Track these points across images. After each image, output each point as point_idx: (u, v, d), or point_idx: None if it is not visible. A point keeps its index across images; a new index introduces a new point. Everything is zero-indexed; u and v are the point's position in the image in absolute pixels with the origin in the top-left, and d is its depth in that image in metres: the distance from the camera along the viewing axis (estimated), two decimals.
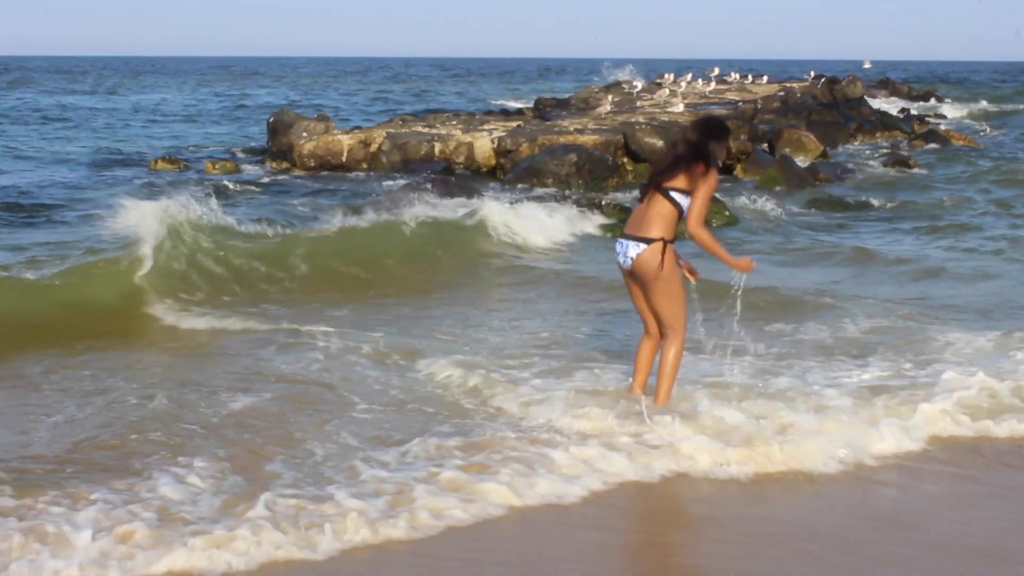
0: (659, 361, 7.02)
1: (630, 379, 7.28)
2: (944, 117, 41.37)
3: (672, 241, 6.74)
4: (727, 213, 15.83)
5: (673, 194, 6.67)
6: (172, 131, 34.22)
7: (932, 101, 50.82)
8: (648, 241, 6.69)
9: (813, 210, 17.34)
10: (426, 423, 6.90)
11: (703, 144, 6.72)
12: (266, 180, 20.46)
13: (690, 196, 6.67)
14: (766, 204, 17.36)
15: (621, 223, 15.40)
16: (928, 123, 35.47)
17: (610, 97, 30.30)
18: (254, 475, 6.03)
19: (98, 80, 78.69)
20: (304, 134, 22.46)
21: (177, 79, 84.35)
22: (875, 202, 18.24)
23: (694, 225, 6.63)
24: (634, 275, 6.83)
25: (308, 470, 6.11)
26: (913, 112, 41.32)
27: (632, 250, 6.73)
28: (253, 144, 28.45)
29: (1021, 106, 48.64)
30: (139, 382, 7.81)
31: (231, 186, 19.09)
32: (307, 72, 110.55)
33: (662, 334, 6.99)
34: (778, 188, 19.71)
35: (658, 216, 6.70)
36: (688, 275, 6.96)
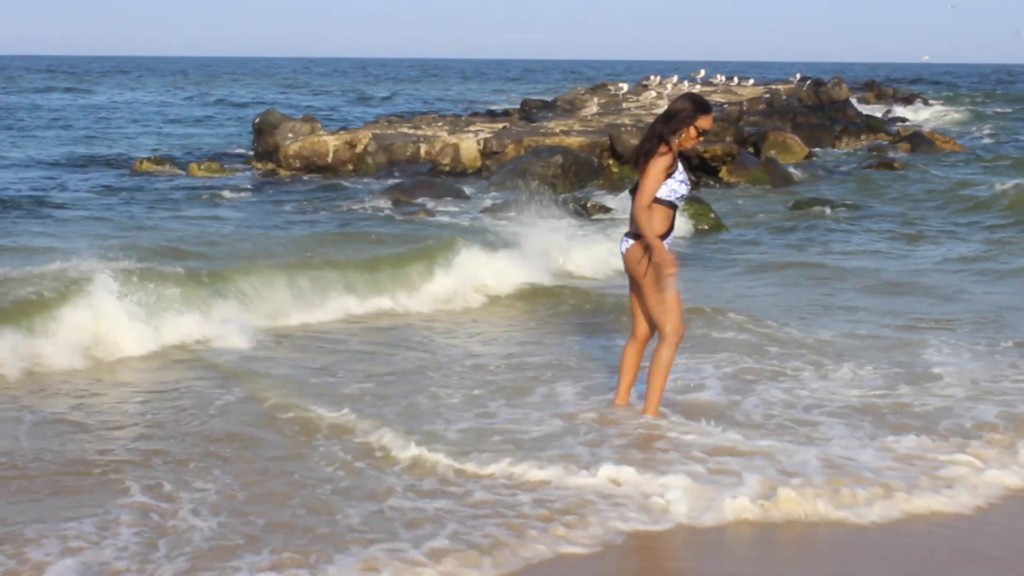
0: (649, 365, 6.99)
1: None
2: (907, 120, 41.12)
3: (664, 236, 6.67)
4: (712, 215, 15.82)
5: None
6: (153, 130, 34.08)
7: (917, 103, 50.86)
8: (636, 237, 6.73)
9: (797, 212, 17.34)
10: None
11: (660, 124, 6.67)
12: (250, 186, 20.04)
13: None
14: (751, 207, 17.31)
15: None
16: (910, 127, 35.57)
17: (596, 99, 30.35)
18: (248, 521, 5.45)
19: (68, 79, 77.77)
20: (290, 135, 22.39)
21: (153, 78, 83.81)
22: (860, 205, 18.27)
23: (635, 206, 6.64)
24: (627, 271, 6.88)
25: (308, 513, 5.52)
26: (897, 113, 41.46)
27: (623, 246, 6.81)
28: (236, 144, 28.46)
29: (996, 110, 48.67)
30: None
31: (219, 191, 18.93)
32: (282, 72, 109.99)
33: (651, 335, 6.97)
34: (763, 190, 19.75)
35: None
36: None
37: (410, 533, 5.27)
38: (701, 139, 6.75)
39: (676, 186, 6.64)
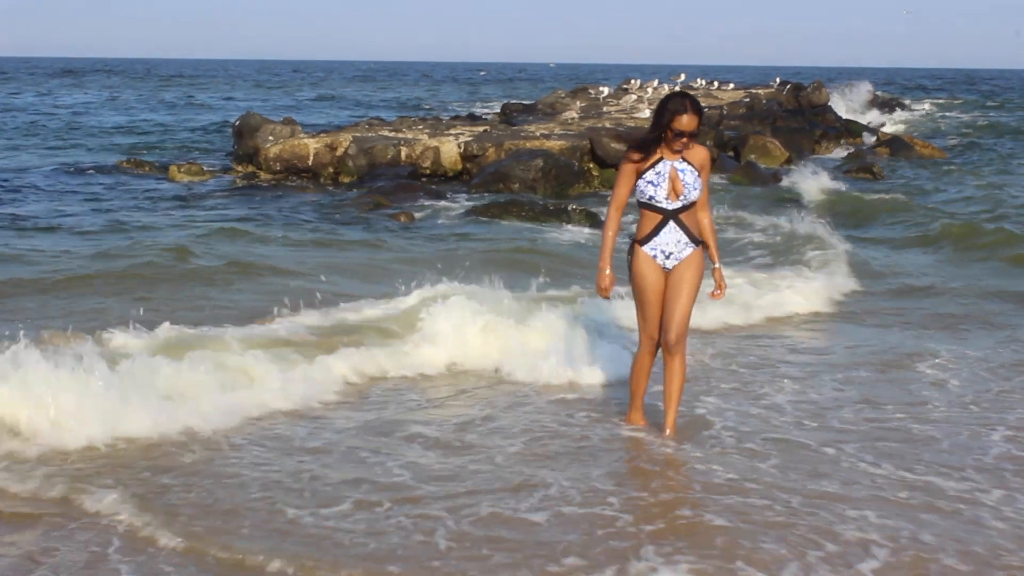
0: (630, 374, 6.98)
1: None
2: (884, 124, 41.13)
3: (640, 241, 6.57)
4: None
5: None
6: (119, 130, 33.83)
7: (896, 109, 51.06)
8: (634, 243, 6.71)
9: (775, 216, 17.35)
10: None
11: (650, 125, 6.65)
12: (228, 195, 19.59)
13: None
14: (731, 210, 17.36)
15: None
16: (889, 132, 35.73)
17: (577, 103, 30.37)
18: None
19: (28, 82, 76.70)
20: (270, 138, 22.31)
21: (100, 79, 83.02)
22: (841, 209, 18.32)
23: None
24: None
25: None
26: (875, 120, 41.62)
27: None
28: (212, 146, 28.38)
29: (965, 116, 48.67)
30: None
31: (201, 194, 18.76)
32: (244, 74, 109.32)
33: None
34: (743, 194, 19.78)
35: None
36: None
37: None
38: (683, 141, 6.36)
39: (644, 187, 6.46)
